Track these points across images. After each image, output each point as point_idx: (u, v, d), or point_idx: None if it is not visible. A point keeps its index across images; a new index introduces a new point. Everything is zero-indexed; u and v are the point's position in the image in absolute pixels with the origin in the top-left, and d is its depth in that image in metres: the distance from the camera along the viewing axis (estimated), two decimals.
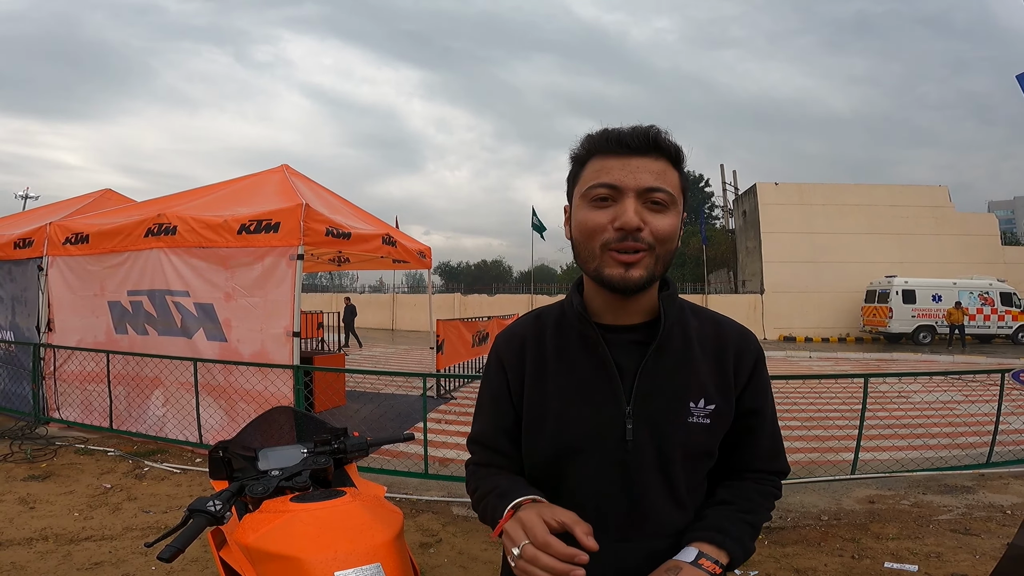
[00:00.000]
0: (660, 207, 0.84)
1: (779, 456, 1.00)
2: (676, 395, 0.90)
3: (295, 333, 4.46)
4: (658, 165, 0.85)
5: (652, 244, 0.84)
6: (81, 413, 5.52)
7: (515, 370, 0.97)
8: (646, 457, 0.89)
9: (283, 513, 1.19)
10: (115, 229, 5.19)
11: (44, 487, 3.98)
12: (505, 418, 0.98)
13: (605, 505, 0.90)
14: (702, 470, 0.94)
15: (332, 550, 1.05)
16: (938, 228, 21.65)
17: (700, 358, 0.92)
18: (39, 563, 2.85)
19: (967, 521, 3.53)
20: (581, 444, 0.90)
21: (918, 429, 5.70)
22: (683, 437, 0.89)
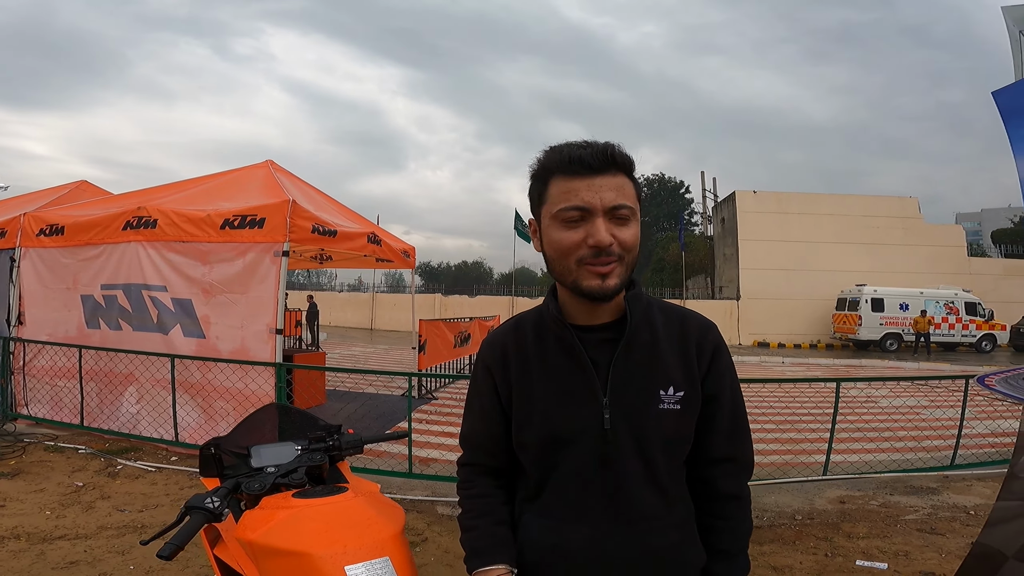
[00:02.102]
0: (624, 220, 0.93)
1: (740, 440, 1.06)
2: (646, 385, 0.98)
3: (279, 330, 4.41)
4: (618, 181, 0.92)
5: (621, 255, 0.92)
6: (50, 410, 5.35)
7: (501, 374, 1.05)
8: (625, 444, 0.96)
9: (287, 509, 1.19)
10: (92, 221, 5.05)
11: (13, 485, 3.85)
12: (492, 419, 1.06)
13: (590, 492, 0.98)
14: (679, 455, 1.01)
15: (341, 545, 1.07)
16: (907, 239, 22.39)
17: (667, 350, 1.00)
18: (12, 562, 2.79)
19: (933, 521, 3.68)
20: (566, 436, 0.98)
21: (885, 432, 5.91)
22: (656, 423, 0.97)
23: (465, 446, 1.12)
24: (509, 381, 1.03)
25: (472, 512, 1.05)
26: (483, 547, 1.00)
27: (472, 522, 1.04)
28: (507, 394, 1.04)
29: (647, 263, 35.30)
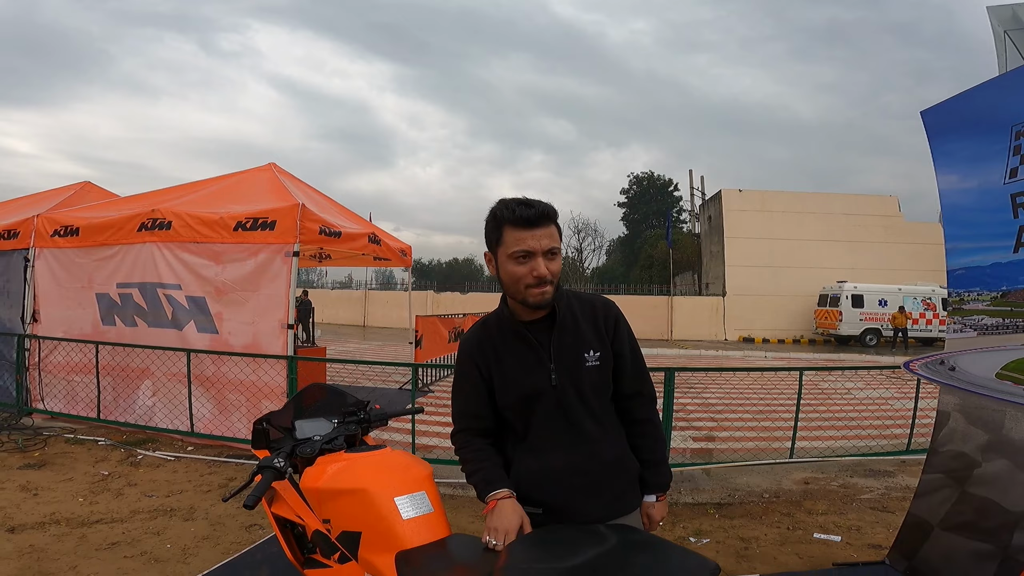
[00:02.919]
0: (554, 256, 1.38)
1: (642, 381, 1.54)
2: (574, 351, 1.44)
3: (290, 326, 4.71)
4: (550, 230, 1.37)
5: (552, 279, 1.38)
6: (65, 404, 5.59)
7: (481, 359, 1.49)
8: (568, 393, 1.43)
9: (342, 461, 1.54)
10: (107, 223, 5.29)
11: (42, 475, 4.10)
12: (479, 393, 1.49)
13: (554, 429, 1.44)
14: (605, 395, 1.49)
15: (389, 482, 1.41)
16: (888, 236, 23.03)
17: (584, 326, 1.46)
18: (57, 545, 2.99)
19: (885, 500, 4.09)
20: (531, 393, 1.44)
21: (852, 421, 6.35)
22: (586, 376, 1.43)
23: (459, 418, 1.55)
24: (488, 363, 1.47)
25: (475, 459, 1.47)
26: (492, 478, 1.41)
27: (477, 465, 1.46)
28: (487, 373, 1.48)
29: (635, 260, 35.80)
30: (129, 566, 2.79)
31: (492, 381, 1.48)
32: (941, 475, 2.59)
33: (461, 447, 1.53)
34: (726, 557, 3.07)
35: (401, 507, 1.36)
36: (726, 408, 7.51)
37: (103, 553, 2.92)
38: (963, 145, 2.58)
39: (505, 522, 1.29)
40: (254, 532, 3.24)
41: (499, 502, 1.35)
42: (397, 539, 1.32)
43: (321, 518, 1.53)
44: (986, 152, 2.42)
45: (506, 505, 1.34)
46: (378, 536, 1.34)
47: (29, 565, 2.76)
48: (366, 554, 1.36)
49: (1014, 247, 2.27)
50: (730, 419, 6.81)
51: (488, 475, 1.42)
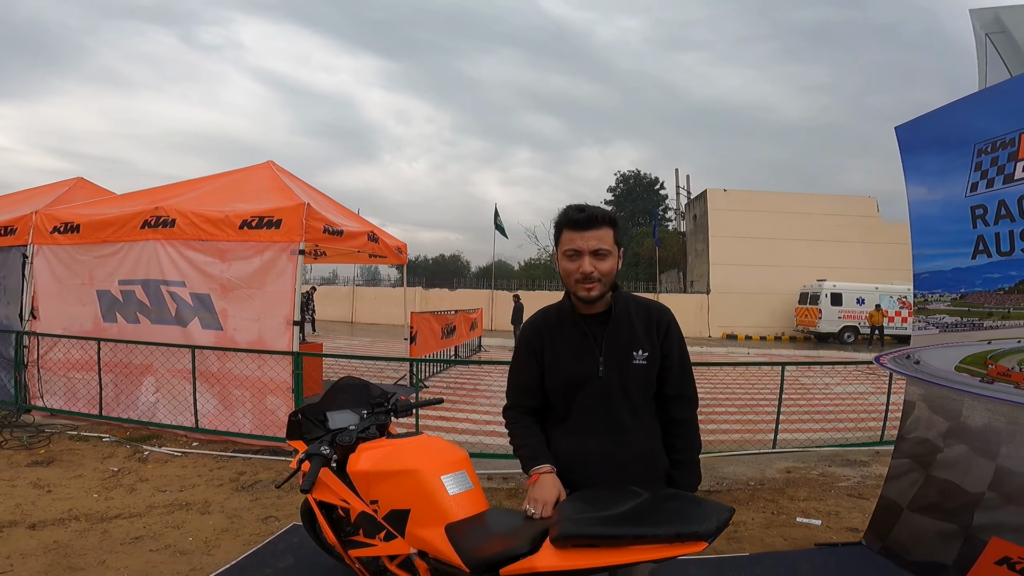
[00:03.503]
0: (602, 257, 1.54)
1: (685, 383, 1.66)
2: (624, 348, 1.60)
3: (295, 322, 4.84)
4: (600, 233, 1.53)
5: (600, 278, 1.54)
6: (65, 401, 5.63)
7: (538, 344, 1.67)
8: (613, 385, 1.59)
9: (387, 446, 1.72)
10: (108, 220, 5.35)
11: (51, 472, 4.14)
12: (532, 374, 1.68)
13: (593, 416, 1.60)
14: (647, 393, 1.63)
15: (435, 463, 1.60)
16: (866, 236, 23.64)
17: (637, 327, 1.62)
18: (81, 541, 3.03)
19: (861, 488, 4.37)
20: (578, 381, 1.60)
21: (830, 414, 6.68)
22: (631, 372, 1.59)
23: (512, 394, 1.73)
24: (543, 348, 1.66)
25: (523, 435, 1.65)
26: (536, 453, 1.59)
27: (523, 440, 1.64)
28: (541, 356, 1.66)
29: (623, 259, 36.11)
30: (156, 559, 2.86)
31: (544, 364, 1.65)
32: (908, 460, 2.85)
33: (511, 422, 1.71)
34: (717, 539, 3.30)
35: (447, 484, 1.54)
36: (713, 402, 7.81)
37: (128, 547, 2.99)
38: (931, 160, 2.83)
39: (544, 494, 1.48)
40: (271, 524, 3.35)
41: (541, 476, 1.54)
42: (445, 513, 1.50)
43: (368, 500, 1.70)
44: (951, 167, 2.67)
45: (547, 479, 1.52)
46: (427, 511, 1.52)
47: (57, 561, 2.81)
48: (414, 529, 1.54)
49: (972, 254, 2.53)
50: (716, 412, 7.10)
51: (533, 451, 1.60)
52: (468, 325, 12.88)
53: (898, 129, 3.05)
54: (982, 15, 3.36)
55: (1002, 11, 3.31)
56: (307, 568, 2.71)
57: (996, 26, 3.30)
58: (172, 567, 2.79)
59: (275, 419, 4.93)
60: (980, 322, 2.51)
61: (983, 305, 2.50)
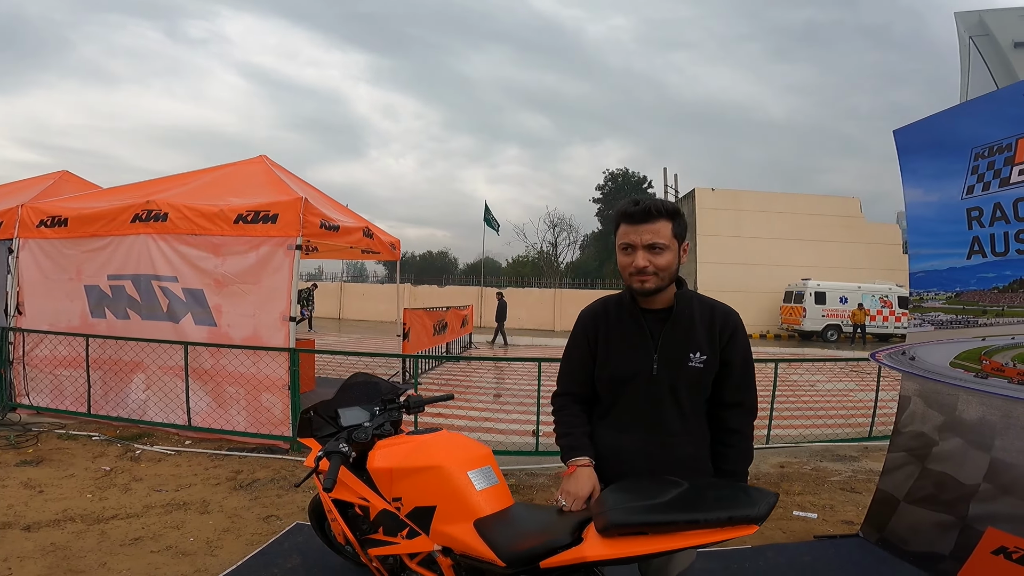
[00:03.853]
0: (658, 251, 1.50)
1: (746, 392, 1.61)
2: (681, 349, 1.54)
3: (292, 318, 4.79)
4: (655, 227, 1.49)
5: (656, 271, 1.50)
6: (52, 399, 5.50)
7: (593, 334, 1.64)
8: (663, 385, 1.55)
9: (409, 442, 1.72)
10: (97, 213, 5.23)
11: (42, 472, 4.03)
12: (585, 362, 1.65)
13: (639, 413, 1.56)
14: (698, 397, 1.58)
15: (460, 459, 1.60)
16: (849, 236, 24.10)
17: (698, 328, 1.56)
18: (79, 542, 2.95)
19: (852, 482, 4.47)
20: (628, 375, 1.57)
21: (820, 411, 6.81)
22: (684, 373, 1.54)
23: (563, 381, 1.70)
24: (597, 338, 1.62)
25: (568, 423, 1.62)
26: (577, 444, 1.57)
27: (568, 430, 1.61)
28: (594, 346, 1.62)
29: (609, 257, 36.33)
30: (159, 560, 2.81)
31: (596, 353, 1.62)
32: (904, 453, 2.92)
33: (559, 409, 1.68)
34: None
35: (474, 480, 1.55)
36: None
37: (128, 549, 2.92)
38: (928, 163, 2.90)
39: (578, 487, 1.48)
40: (272, 523, 3.31)
41: (578, 468, 1.52)
42: (473, 509, 1.51)
43: (391, 497, 1.69)
44: (948, 171, 2.74)
45: (583, 472, 1.51)
46: (455, 507, 1.53)
47: (57, 563, 2.73)
48: (441, 526, 1.54)
49: (967, 254, 2.61)
50: None
51: (575, 441, 1.58)
52: (459, 322, 12.86)
53: (896, 133, 3.12)
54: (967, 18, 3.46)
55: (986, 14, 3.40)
56: (315, 567, 2.69)
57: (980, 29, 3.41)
58: (176, 569, 2.74)
59: (271, 417, 4.89)
60: (975, 320, 2.58)
61: (978, 303, 2.58)
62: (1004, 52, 19.23)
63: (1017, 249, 2.39)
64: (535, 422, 4.99)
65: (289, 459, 4.56)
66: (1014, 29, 24.80)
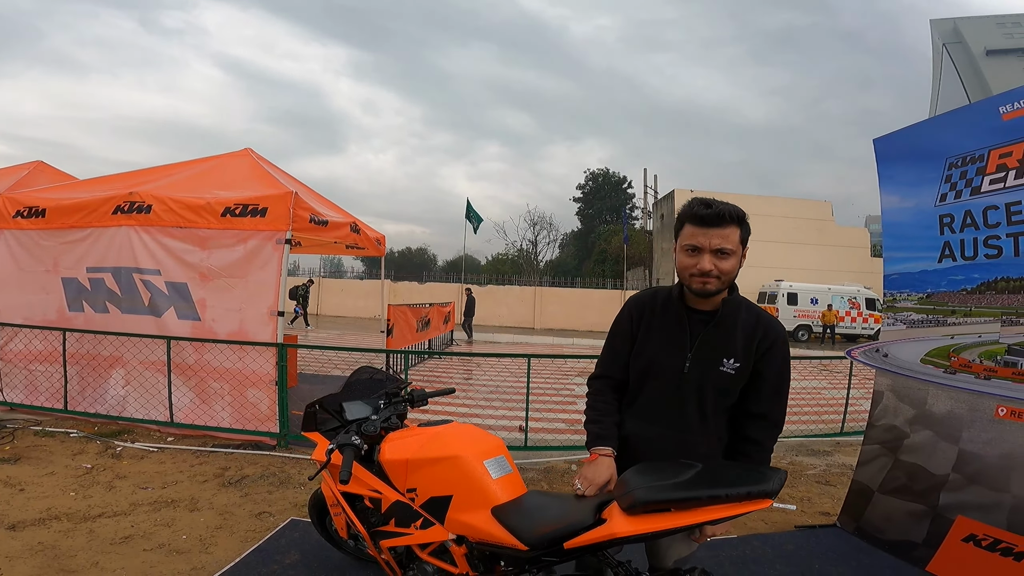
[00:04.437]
0: (725, 255, 1.52)
1: (773, 406, 1.61)
2: (716, 353, 1.57)
3: (280, 313, 4.75)
4: (725, 232, 1.50)
5: (719, 275, 1.52)
6: (27, 394, 5.32)
7: (638, 320, 1.67)
8: (691, 384, 1.59)
9: (423, 433, 1.76)
10: (77, 204, 5.09)
11: (20, 470, 3.91)
12: (624, 347, 1.69)
13: (663, 407, 1.61)
14: (723, 402, 1.61)
15: (475, 448, 1.65)
16: (820, 239, 24.87)
17: (738, 335, 1.58)
18: (68, 541, 2.89)
19: (827, 475, 4.66)
20: (659, 369, 1.61)
21: (794, 408, 7.06)
22: (714, 377, 1.58)
23: (603, 362, 1.74)
24: (639, 325, 1.66)
25: (599, 409, 1.66)
26: (604, 433, 1.62)
27: (598, 416, 1.65)
28: (636, 333, 1.66)
29: (588, 255, 36.73)
30: (153, 559, 2.76)
31: (636, 340, 1.65)
32: (878, 446, 3.09)
33: (594, 393, 1.71)
34: None
35: (490, 469, 1.60)
36: None
37: (120, 547, 2.87)
38: (905, 172, 3.07)
39: (597, 474, 1.53)
40: (265, 519, 3.29)
41: (600, 457, 1.58)
42: (490, 497, 1.56)
43: (405, 488, 1.73)
44: (923, 179, 2.91)
45: (604, 462, 1.56)
46: (472, 496, 1.58)
47: (48, 563, 2.67)
48: (457, 515, 1.59)
49: (938, 258, 2.78)
50: None
51: (602, 430, 1.62)
52: (442, 318, 12.86)
53: (876, 141, 3.28)
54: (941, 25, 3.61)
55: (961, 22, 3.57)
56: (314, 563, 2.70)
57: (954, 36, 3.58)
58: (172, 567, 2.70)
59: (257, 412, 4.84)
60: (944, 319, 2.75)
61: (947, 304, 2.75)
62: (976, 60, 19.85)
63: (985, 254, 2.56)
64: (524, 418, 5.07)
65: (277, 455, 4.53)
66: (988, 37, 25.67)
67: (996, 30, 24.45)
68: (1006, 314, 2.45)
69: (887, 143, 3.18)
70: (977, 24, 23.79)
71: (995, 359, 2.47)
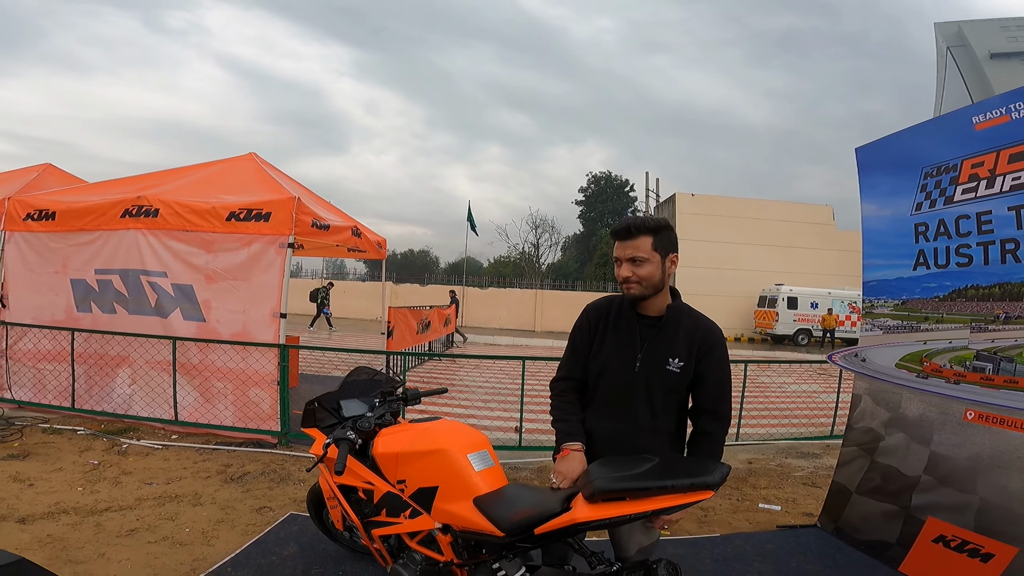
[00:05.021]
0: (639, 263, 1.72)
1: (720, 401, 1.79)
2: (662, 354, 1.76)
3: (283, 315, 4.88)
4: (636, 242, 1.72)
5: (638, 281, 1.73)
6: (35, 393, 5.47)
7: (594, 325, 1.86)
8: (640, 382, 1.76)
9: (413, 429, 1.89)
10: (87, 207, 5.24)
11: (29, 466, 4.04)
12: (583, 350, 1.87)
13: (615, 404, 1.80)
14: (672, 399, 1.79)
15: (460, 442, 1.78)
16: (821, 243, 24.86)
17: (681, 338, 1.77)
18: (75, 534, 3.01)
19: (814, 477, 4.76)
20: (612, 368, 1.80)
21: (787, 411, 7.16)
22: (661, 376, 1.76)
23: (565, 367, 1.90)
24: (596, 330, 1.84)
25: (564, 409, 1.82)
26: (572, 431, 1.77)
27: (564, 416, 1.81)
28: (593, 337, 1.84)
29: (590, 258, 36.82)
30: (157, 551, 2.88)
31: (594, 343, 1.84)
32: (856, 448, 3.19)
33: (557, 395, 1.87)
34: (689, 522, 3.58)
35: (473, 462, 1.73)
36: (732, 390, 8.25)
37: (125, 540, 2.98)
38: (884, 180, 3.18)
39: (569, 468, 1.67)
40: (265, 514, 3.42)
41: (571, 452, 1.72)
42: (472, 488, 1.69)
43: (395, 480, 1.86)
44: (900, 188, 3.02)
45: (575, 456, 1.71)
46: (456, 487, 1.70)
47: (56, 554, 2.77)
48: (443, 504, 1.71)
49: (913, 266, 2.88)
50: None
51: (570, 428, 1.78)
52: (442, 321, 12.98)
53: (858, 150, 3.38)
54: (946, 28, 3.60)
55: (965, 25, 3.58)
56: (311, 554, 2.82)
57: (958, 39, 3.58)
58: (175, 558, 2.82)
59: (259, 411, 4.97)
60: (918, 325, 2.86)
61: (921, 311, 2.86)
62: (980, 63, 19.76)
63: (957, 262, 2.67)
64: (519, 419, 5.19)
65: (278, 453, 4.66)
66: (992, 40, 25.68)
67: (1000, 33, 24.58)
68: (975, 320, 2.55)
69: (868, 152, 3.29)
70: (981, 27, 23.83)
71: (964, 364, 2.58)
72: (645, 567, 1.60)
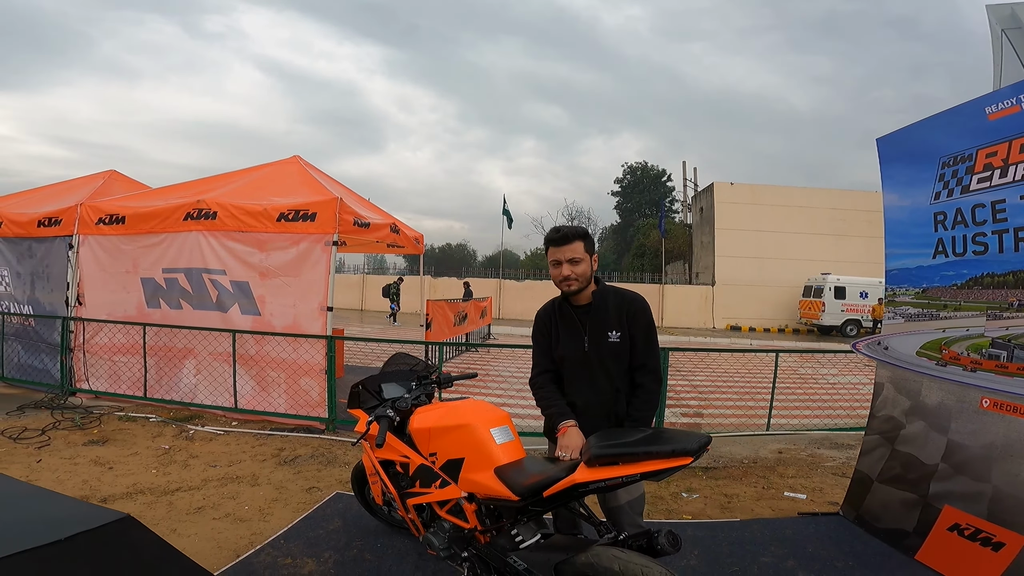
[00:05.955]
0: (576, 263, 2.09)
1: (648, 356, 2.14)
2: (602, 329, 2.12)
3: (329, 308, 5.26)
4: (572, 246, 2.08)
5: (577, 277, 2.09)
6: (110, 383, 6.04)
7: (548, 325, 2.24)
8: (593, 357, 2.13)
9: (443, 407, 2.14)
10: (152, 212, 5.76)
11: (108, 451, 4.46)
12: (549, 346, 2.24)
13: (580, 381, 2.15)
14: (622, 365, 2.14)
15: (484, 418, 2.01)
16: (870, 231, 23.64)
17: (612, 313, 2.13)
18: (151, 512, 3.32)
19: (844, 468, 4.72)
20: (569, 354, 2.17)
21: (824, 402, 7.06)
22: (607, 347, 2.12)
23: (538, 363, 2.25)
24: (550, 329, 2.22)
25: (548, 398, 2.15)
26: (562, 412, 2.07)
27: (551, 402, 2.13)
28: (549, 333, 2.22)
29: (627, 250, 36.39)
30: (220, 526, 3.18)
31: (552, 339, 2.21)
32: (878, 436, 3.23)
33: (539, 388, 2.20)
34: (712, 508, 3.69)
35: (495, 435, 1.96)
36: (714, 389, 8.22)
37: (194, 517, 3.30)
38: (904, 171, 3.19)
39: (572, 442, 1.94)
40: (314, 493, 3.75)
41: (569, 428, 2.00)
42: (494, 459, 1.91)
43: (428, 453, 2.11)
44: (919, 178, 3.03)
45: (573, 431, 1.99)
46: (480, 458, 1.93)
47: None
48: (468, 474, 1.95)
49: (933, 254, 2.90)
50: (717, 398, 7.52)
51: (560, 410, 2.10)
52: (479, 313, 13.30)
53: (879, 141, 3.39)
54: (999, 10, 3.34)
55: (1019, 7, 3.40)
56: (354, 528, 3.13)
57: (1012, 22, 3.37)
58: (235, 532, 3.15)
59: (308, 399, 5.37)
60: (937, 313, 2.88)
61: (940, 299, 2.87)
62: None
63: (973, 250, 2.68)
64: None
65: (326, 438, 5.04)
66: None
67: None
68: (991, 308, 2.57)
69: (889, 143, 3.29)
70: None
71: (981, 352, 2.60)
72: (648, 535, 1.77)
